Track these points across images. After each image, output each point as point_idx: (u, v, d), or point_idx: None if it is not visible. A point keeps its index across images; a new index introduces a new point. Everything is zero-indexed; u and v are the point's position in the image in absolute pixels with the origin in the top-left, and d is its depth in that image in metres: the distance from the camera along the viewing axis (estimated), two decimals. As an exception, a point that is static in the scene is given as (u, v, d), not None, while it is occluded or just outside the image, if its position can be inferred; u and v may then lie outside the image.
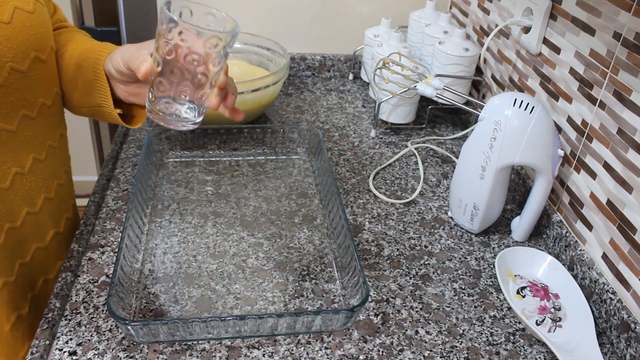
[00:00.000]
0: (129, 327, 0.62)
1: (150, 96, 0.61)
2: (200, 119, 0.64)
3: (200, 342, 0.66)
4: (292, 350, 0.66)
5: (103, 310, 0.69)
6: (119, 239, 0.79)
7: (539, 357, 0.69)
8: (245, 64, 1.21)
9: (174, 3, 0.57)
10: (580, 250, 0.80)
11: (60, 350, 0.65)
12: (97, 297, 0.71)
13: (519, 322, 0.74)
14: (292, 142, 1.01)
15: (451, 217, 0.91)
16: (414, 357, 0.67)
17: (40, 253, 0.74)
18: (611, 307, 0.72)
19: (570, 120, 0.85)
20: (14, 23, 0.64)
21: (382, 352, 0.68)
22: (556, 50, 0.88)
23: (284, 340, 0.67)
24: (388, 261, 0.82)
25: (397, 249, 0.84)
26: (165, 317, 0.69)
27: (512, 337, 0.71)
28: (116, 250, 0.78)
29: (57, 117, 0.76)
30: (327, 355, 0.66)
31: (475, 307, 0.75)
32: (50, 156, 0.75)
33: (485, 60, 1.16)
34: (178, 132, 0.97)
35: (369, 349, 0.68)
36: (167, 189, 0.90)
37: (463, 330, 0.72)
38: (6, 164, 0.67)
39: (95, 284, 0.73)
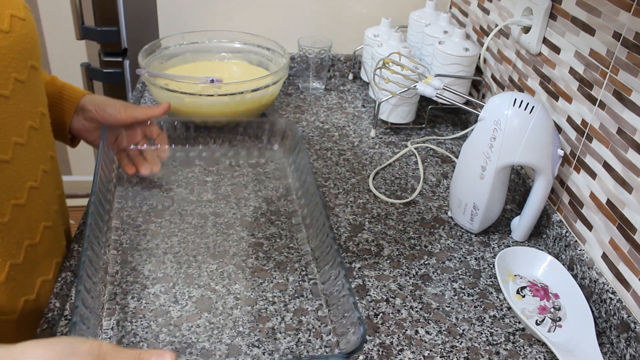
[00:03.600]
0: None
1: None
2: None
3: (200, 341, 0.66)
4: (292, 348, 0.66)
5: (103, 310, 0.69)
6: (119, 239, 0.79)
7: (539, 357, 0.69)
8: (245, 64, 1.21)
9: None
10: (580, 250, 0.80)
11: (60, 350, 0.64)
12: (97, 297, 0.71)
13: (519, 322, 0.74)
14: (273, 137, 0.99)
15: (451, 217, 0.91)
16: (414, 357, 0.68)
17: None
18: (611, 307, 0.72)
19: (570, 120, 0.85)
20: (12, 32, 0.63)
21: (382, 352, 0.68)
22: (556, 50, 0.88)
23: (284, 339, 0.67)
24: (388, 261, 0.82)
25: (397, 249, 0.84)
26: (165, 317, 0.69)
27: (512, 337, 0.71)
28: (116, 250, 0.78)
29: (50, 128, 0.76)
30: (327, 353, 0.66)
31: (475, 307, 0.75)
32: (52, 166, 0.75)
33: (485, 60, 1.16)
34: (178, 132, 0.97)
35: (368, 348, 0.68)
36: (166, 189, 0.90)
37: (463, 330, 0.72)
38: (21, 179, 0.67)
39: (95, 283, 0.73)
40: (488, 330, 0.72)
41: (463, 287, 0.78)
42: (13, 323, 0.68)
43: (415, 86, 0.98)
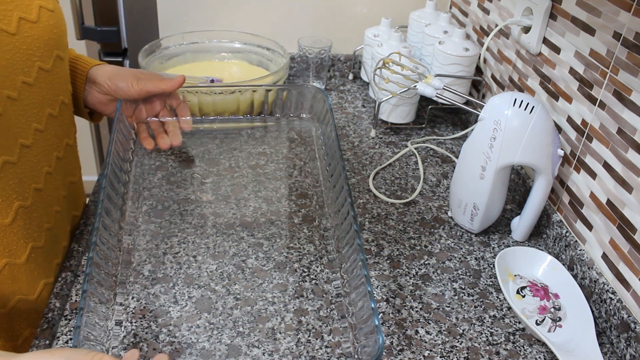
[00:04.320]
0: None
1: None
2: None
3: (200, 341, 0.66)
4: (292, 349, 0.66)
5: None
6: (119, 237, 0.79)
7: (539, 357, 0.69)
8: (245, 64, 1.21)
9: None
10: (580, 250, 0.80)
11: (60, 350, 0.65)
12: (97, 297, 0.71)
13: (519, 322, 0.74)
14: (298, 106, 0.98)
15: (451, 217, 0.91)
16: (414, 357, 0.68)
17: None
18: (611, 307, 0.72)
19: (570, 120, 0.85)
20: (40, 22, 0.66)
21: (382, 352, 0.68)
22: (556, 50, 0.88)
23: (284, 339, 0.67)
24: (388, 261, 0.82)
25: (397, 249, 0.84)
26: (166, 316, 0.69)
27: (512, 337, 0.71)
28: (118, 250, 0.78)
29: (71, 117, 0.79)
30: (327, 353, 0.66)
31: (475, 307, 0.75)
32: (67, 154, 0.77)
33: (485, 60, 1.16)
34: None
35: (368, 349, 0.68)
36: (167, 190, 0.90)
37: (463, 330, 0.72)
38: (39, 164, 0.69)
39: (95, 284, 0.73)
40: (488, 330, 0.72)
41: (463, 287, 0.78)
42: (31, 302, 0.71)
43: (415, 86, 0.98)
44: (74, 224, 0.83)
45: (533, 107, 0.77)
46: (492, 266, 0.82)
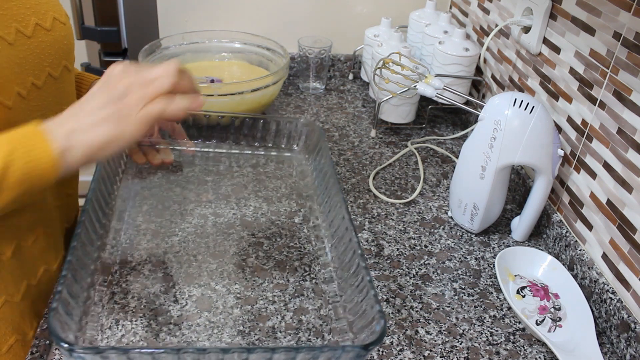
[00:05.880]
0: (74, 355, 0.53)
1: None
2: None
3: (200, 340, 0.66)
4: (292, 349, 0.66)
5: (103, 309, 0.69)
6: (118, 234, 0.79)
7: (539, 357, 0.69)
8: (245, 64, 1.21)
9: None
10: (580, 250, 0.80)
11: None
12: (97, 297, 0.71)
13: (519, 322, 0.74)
14: (292, 138, 0.99)
15: (451, 217, 0.91)
16: (414, 357, 0.68)
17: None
18: (611, 307, 0.72)
19: (570, 120, 0.85)
20: (53, 31, 0.69)
21: (382, 352, 0.68)
22: (556, 50, 0.88)
23: (285, 338, 0.67)
24: (388, 261, 0.82)
25: (397, 249, 0.84)
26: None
27: (512, 337, 0.71)
28: (117, 250, 0.78)
29: None
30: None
31: (475, 307, 0.75)
32: None
33: (485, 60, 1.16)
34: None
35: (369, 348, 0.68)
36: (166, 189, 0.90)
37: (463, 330, 0.72)
38: None
39: (96, 283, 0.73)
40: (488, 330, 0.72)
41: (463, 287, 0.78)
42: (15, 305, 0.71)
43: (415, 86, 0.98)
44: (66, 235, 0.83)
45: (533, 107, 0.77)
46: (492, 266, 0.82)
